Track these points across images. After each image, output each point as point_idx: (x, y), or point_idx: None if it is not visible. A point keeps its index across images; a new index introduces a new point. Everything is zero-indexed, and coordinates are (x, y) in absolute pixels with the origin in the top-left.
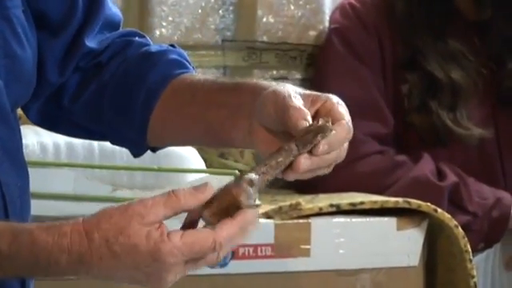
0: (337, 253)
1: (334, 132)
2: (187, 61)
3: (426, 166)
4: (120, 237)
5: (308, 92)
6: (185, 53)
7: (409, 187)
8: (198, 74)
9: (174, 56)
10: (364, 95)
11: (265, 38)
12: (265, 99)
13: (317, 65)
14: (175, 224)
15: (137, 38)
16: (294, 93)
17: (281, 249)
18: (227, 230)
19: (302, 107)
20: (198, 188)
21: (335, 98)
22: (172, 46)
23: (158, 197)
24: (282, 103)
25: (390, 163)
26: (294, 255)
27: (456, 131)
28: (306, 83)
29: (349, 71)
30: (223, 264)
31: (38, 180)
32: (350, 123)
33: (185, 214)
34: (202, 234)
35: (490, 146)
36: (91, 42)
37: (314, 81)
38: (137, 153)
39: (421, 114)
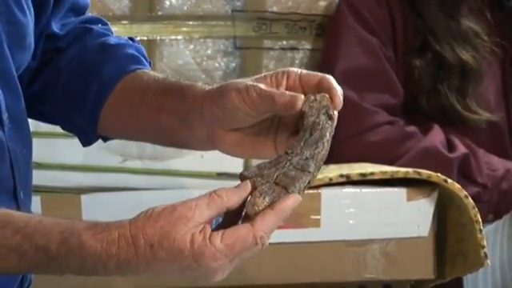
0: (347, 223)
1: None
2: (144, 56)
3: (436, 137)
4: (165, 241)
5: (262, 76)
6: (142, 47)
7: (419, 158)
8: (151, 71)
9: (131, 51)
10: (374, 66)
11: (275, 9)
12: (232, 102)
13: (326, 35)
14: None
15: (99, 26)
16: (252, 81)
17: (291, 219)
18: (266, 222)
19: (286, 92)
20: (239, 186)
21: (294, 69)
22: (131, 39)
23: (200, 198)
24: (258, 97)
25: (400, 134)
26: (304, 225)
27: (465, 115)
28: (315, 53)
29: (358, 41)
30: None
31: (48, 150)
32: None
33: None
34: (241, 232)
35: (501, 122)
36: (56, 26)
37: (324, 51)
38: (87, 142)
39: (430, 97)
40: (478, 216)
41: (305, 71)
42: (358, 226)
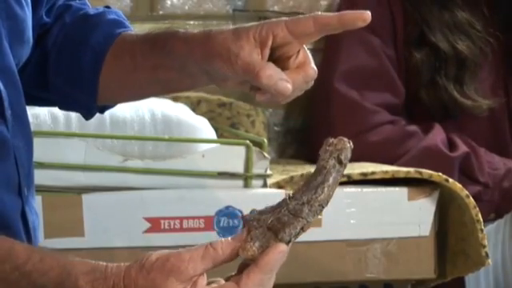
0: (348, 223)
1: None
2: (124, 19)
3: (437, 136)
4: None
5: (244, 31)
6: (120, 11)
7: (420, 157)
8: (133, 31)
9: (112, 16)
10: (375, 65)
11: (276, 8)
12: (218, 68)
13: (328, 35)
14: None
15: (76, 1)
16: (235, 40)
17: None
18: (252, 280)
19: (271, 67)
20: (235, 237)
21: (279, 23)
22: (107, 7)
23: (195, 250)
24: (242, 70)
25: (401, 133)
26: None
27: (463, 103)
28: (316, 53)
29: (359, 41)
30: None
31: (49, 150)
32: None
33: None
34: None
35: (501, 115)
36: (46, 15)
37: (325, 51)
38: (89, 115)
39: (429, 90)
40: (479, 215)
41: (289, 21)
42: (359, 225)
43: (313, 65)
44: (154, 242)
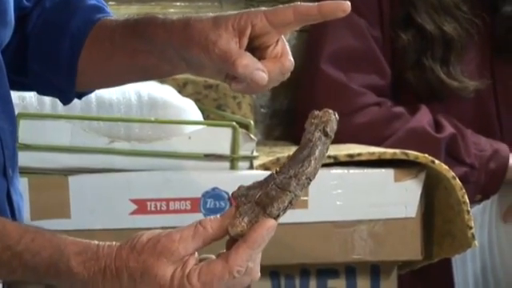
0: (334, 204)
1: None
2: (104, 4)
3: (423, 118)
4: (146, 277)
5: (223, 19)
6: None
7: (406, 138)
8: (113, 17)
9: (92, 1)
10: (361, 46)
11: None
12: (196, 57)
13: None
14: None
15: None
16: (213, 28)
17: None
18: (240, 255)
19: (248, 56)
20: (224, 214)
21: (258, 12)
22: None
23: (185, 230)
24: (219, 59)
25: (388, 115)
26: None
27: (450, 84)
28: (303, 34)
29: (346, 22)
30: None
31: (35, 132)
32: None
33: None
34: (217, 270)
35: (487, 97)
36: None
37: (311, 32)
38: (66, 100)
39: (415, 71)
40: (466, 197)
41: (269, 11)
42: (345, 207)
43: (290, 57)
44: (140, 224)
